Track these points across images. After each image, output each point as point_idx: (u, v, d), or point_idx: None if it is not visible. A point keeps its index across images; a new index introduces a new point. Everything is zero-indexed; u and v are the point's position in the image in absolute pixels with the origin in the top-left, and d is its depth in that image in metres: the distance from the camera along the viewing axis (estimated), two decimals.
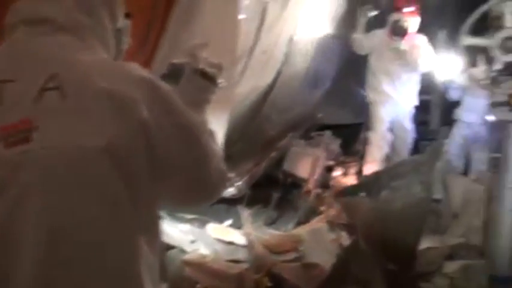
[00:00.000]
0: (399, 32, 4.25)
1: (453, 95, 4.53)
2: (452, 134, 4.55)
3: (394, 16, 4.31)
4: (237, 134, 3.60)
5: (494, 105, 2.15)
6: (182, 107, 1.02)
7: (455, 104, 4.62)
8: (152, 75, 1.01)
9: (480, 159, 4.35)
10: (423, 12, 4.40)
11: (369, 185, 2.36)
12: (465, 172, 4.44)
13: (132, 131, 0.92)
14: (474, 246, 3.24)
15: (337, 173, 4.30)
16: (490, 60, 1.88)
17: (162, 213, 3.33)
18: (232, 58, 2.90)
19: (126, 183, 0.92)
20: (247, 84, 3.34)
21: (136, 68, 0.99)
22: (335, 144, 4.50)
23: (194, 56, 1.27)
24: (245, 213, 3.62)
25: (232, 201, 4.01)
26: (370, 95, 4.58)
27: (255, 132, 3.98)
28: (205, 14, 2.80)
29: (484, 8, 1.87)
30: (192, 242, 3.19)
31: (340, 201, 2.80)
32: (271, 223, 4.01)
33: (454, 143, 4.50)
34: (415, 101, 4.61)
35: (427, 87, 4.76)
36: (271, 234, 3.59)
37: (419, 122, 4.82)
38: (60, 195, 0.88)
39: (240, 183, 4.10)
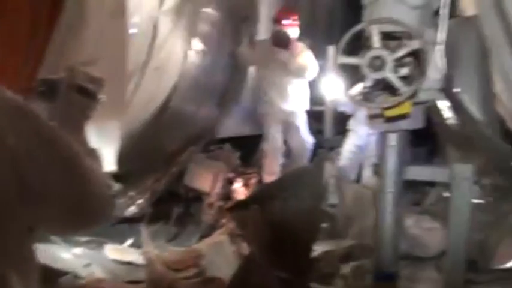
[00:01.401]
0: (280, 43, 4.44)
1: (345, 108, 4.80)
2: (345, 143, 4.82)
3: (275, 28, 4.49)
4: (135, 151, 3.51)
5: (370, 118, 2.32)
6: (56, 131, 0.95)
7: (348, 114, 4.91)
8: (21, 98, 0.94)
9: (370, 166, 4.65)
10: (314, 29, 4.65)
11: (260, 196, 2.42)
12: (358, 178, 4.74)
13: None
14: (367, 246, 3.48)
15: (237, 184, 4.37)
16: (361, 78, 2.04)
17: (53, 237, 3.12)
18: (123, 73, 2.84)
19: None
20: (141, 100, 3.28)
21: (1, 92, 0.92)
22: (234, 157, 4.57)
23: (71, 70, 1.20)
24: (144, 231, 3.53)
25: (134, 220, 3.91)
26: (261, 107, 4.70)
27: (154, 148, 3.91)
28: (92, 28, 2.71)
29: (356, 29, 2.02)
30: (87, 265, 3.04)
31: (232, 215, 2.84)
32: (173, 239, 3.97)
33: (346, 151, 4.77)
34: (305, 107, 4.80)
35: (320, 98, 5.02)
36: (172, 251, 3.54)
37: (315, 132, 5.06)
38: None
39: (141, 201, 4.01)
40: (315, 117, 5.05)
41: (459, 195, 2.64)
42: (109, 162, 2.82)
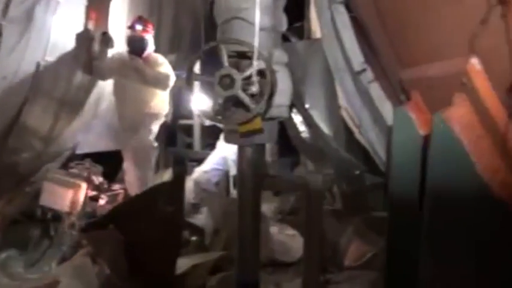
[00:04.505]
0: (135, 49, 4.38)
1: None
2: (212, 155, 4.90)
3: (129, 35, 4.43)
4: None
5: (227, 133, 2.39)
6: None
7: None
8: None
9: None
10: (180, 44, 4.66)
11: (116, 215, 2.34)
12: (228, 189, 4.84)
13: None
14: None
15: (102, 201, 4.17)
16: (214, 95, 2.11)
17: None
18: None
19: None
20: None
21: None
22: (97, 173, 4.36)
23: None
24: None
25: None
26: (119, 122, 4.54)
27: (2, 167, 3.54)
28: None
29: (205, 48, 2.08)
30: None
31: (86, 236, 2.70)
32: (31, 266, 3.65)
33: (210, 162, 4.84)
34: (162, 117, 4.70)
35: (189, 112, 5.05)
36: (25, 279, 3.24)
37: (184, 145, 5.06)
38: None
39: None
40: (184, 131, 5.06)
41: (312, 203, 2.85)
42: None
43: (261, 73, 2.16)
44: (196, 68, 4.90)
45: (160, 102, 4.57)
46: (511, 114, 1.21)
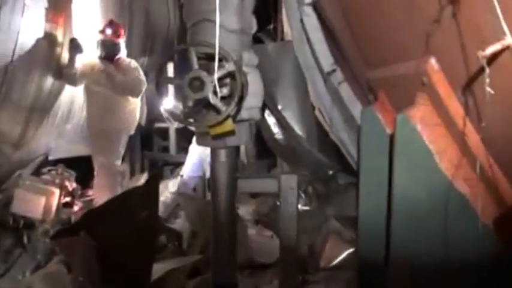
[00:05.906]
0: (106, 55, 4.31)
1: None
2: (187, 163, 4.87)
3: (100, 39, 4.35)
4: None
5: (199, 136, 2.39)
6: None
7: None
8: None
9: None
10: (151, 46, 4.61)
11: (88, 221, 2.31)
12: (205, 192, 4.82)
13: None
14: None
15: (76, 207, 4.11)
16: (183, 98, 2.10)
17: None
18: None
19: None
20: None
21: None
22: (70, 178, 4.28)
23: None
24: None
25: None
26: (87, 128, 4.46)
27: None
28: None
29: (175, 51, 2.08)
30: None
31: (55, 243, 2.66)
32: (3, 275, 3.57)
33: (187, 165, 4.82)
34: (134, 126, 4.62)
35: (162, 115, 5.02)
36: None
37: (160, 149, 5.03)
38: None
39: None
40: (160, 135, 5.02)
41: (286, 204, 2.85)
42: None
43: (232, 75, 2.17)
44: (171, 71, 4.93)
45: (132, 110, 4.49)
46: (467, 112, 1.25)
